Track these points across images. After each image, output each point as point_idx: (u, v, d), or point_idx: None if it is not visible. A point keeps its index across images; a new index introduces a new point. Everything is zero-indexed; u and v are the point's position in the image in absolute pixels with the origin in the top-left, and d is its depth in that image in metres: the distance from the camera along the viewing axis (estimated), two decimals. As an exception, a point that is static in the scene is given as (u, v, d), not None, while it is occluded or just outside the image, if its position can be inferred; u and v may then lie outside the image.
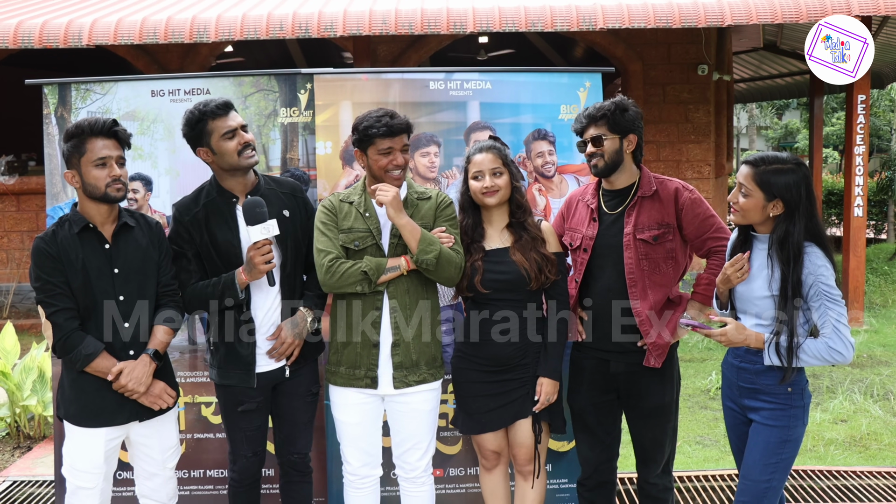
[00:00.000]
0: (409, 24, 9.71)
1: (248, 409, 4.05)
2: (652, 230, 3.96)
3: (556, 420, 4.12)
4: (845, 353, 3.43)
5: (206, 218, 3.99)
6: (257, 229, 3.81)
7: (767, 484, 3.60)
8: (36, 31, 9.67)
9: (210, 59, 12.99)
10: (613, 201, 4.08)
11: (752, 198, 3.55)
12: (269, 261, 3.82)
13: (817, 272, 3.46)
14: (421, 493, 4.15)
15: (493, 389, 4.06)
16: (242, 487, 4.17)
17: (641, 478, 4.23)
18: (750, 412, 3.68)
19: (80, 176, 3.65)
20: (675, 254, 4.00)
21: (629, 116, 3.98)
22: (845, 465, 6.03)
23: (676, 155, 12.75)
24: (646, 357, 3.98)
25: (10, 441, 6.79)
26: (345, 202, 4.04)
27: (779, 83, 20.23)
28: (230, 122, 3.90)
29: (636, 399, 4.08)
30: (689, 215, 3.97)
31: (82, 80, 4.85)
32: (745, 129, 40.52)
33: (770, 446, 3.58)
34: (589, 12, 9.75)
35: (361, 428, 4.06)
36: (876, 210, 17.48)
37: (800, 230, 3.49)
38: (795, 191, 3.49)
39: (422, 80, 4.93)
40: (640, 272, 3.97)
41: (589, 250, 4.07)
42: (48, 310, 3.65)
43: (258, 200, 3.85)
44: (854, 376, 8.27)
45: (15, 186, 12.14)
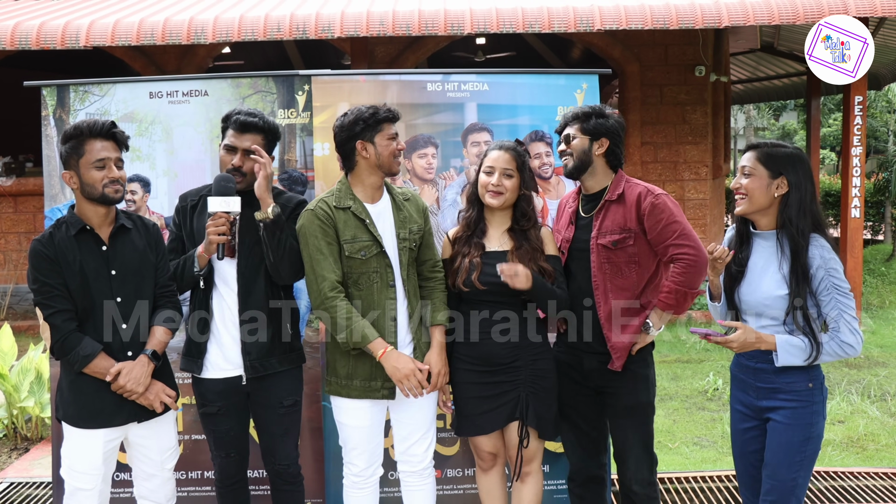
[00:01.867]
0: (407, 25, 9.72)
1: (207, 411, 4.07)
2: (613, 235, 3.97)
3: (546, 426, 4.08)
4: (857, 346, 3.47)
5: (194, 206, 4.09)
6: (217, 201, 3.81)
7: (794, 482, 3.60)
8: (33, 32, 9.67)
9: (208, 61, 12.99)
10: (589, 205, 4.13)
11: (756, 176, 3.56)
12: (222, 234, 3.81)
13: (828, 265, 3.47)
14: (425, 486, 4.17)
15: (486, 391, 4.05)
16: (224, 487, 4.18)
17: (624, 482, 4.21)
18: (768, 412, 3.65)
19: (78, 177, 3.65)
20: (638, 258, 3.99)
21: (605, 123, 4.01)
22: (843, 465, 6.04)
23: (674, 156, 12.75)
24: (610, 360, 4.02)
25: (8, 443, 6.79)
26: (339, 209, 3.92)
27: (776, 84, 20.24)
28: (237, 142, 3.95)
29: (610, 397, 4.10)
30: (650, 220, 3.95)
31: (81, 81, 4.86)
32: (743, 130, 40.49)
33: (794, 445, 3.57)
34: (586, 13, 9.76)
35: (369, 431, 4.04)
36: (873, 211, 17.48)
37: (804, 210, 3.52)
38: (800, 167, 3.55)
39: (419, 81, 4.93)
40: (603, 276, 4.00)
41: (566, 252, 4.13)
42: (46, 311, 3.65)
43: (228, 176, 3.89)
44: (851, 377, 8.28)
45: (12, 188, 12.13)
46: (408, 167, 4.84)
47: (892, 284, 13.25)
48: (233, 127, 3.96)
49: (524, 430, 4.05)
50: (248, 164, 3.94)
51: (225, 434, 4.08)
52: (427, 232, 4.13)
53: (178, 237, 4.11)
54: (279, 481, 4.18)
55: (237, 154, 3.94)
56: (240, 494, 4.23)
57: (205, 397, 4.06)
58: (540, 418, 4.05)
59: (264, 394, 4.06)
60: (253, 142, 3.94)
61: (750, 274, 3.66)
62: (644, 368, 4.09)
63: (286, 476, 4.16)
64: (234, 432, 4.09)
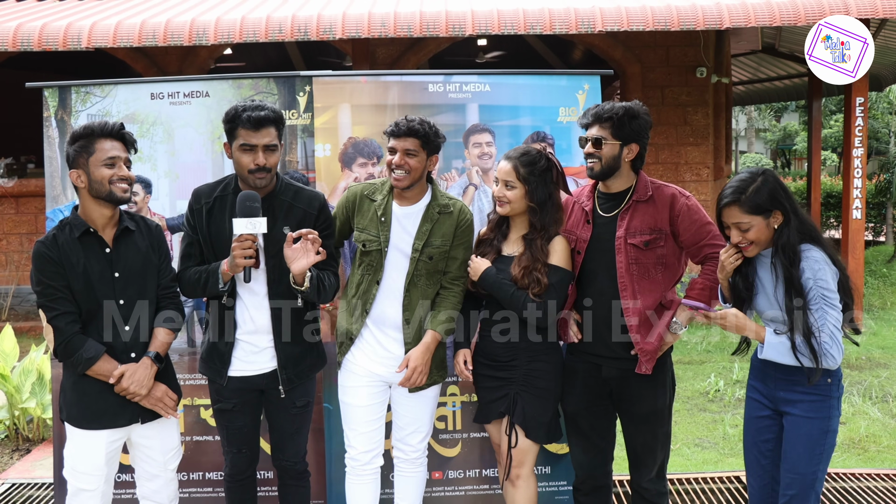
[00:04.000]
0: (408, 26, 9.72)
1: (222, 408, 4.08)
2: (644, 235, 3.95)
3: (534, 427, 4.08)
4: (838, 359, 3.49)
5: (211, 209, 3.98)
6: (242, 223, 3.73)
7: (814, 476, 3.64)
8: (35, 33, 9.67)
9: (209, 62, 12.98)
10: (608, 204, 4.07)
11: (755, 225, 3.56)
12: (249, 256, 3.74)
13: (816, 275, 3.49)
14: (417, 474, 4.32)
15: (489, 383, 4.15)
16: (234, 482, 4.20)
17: (634, 482, 4.23)
18: (785, 405, 3.68)
19: (86, 175, 3.65)
20: (666, 259, 3.99)
21: (636, 125, 3.93)
22: (844, 467, 6.03)
23: (675, 157, 12.75)
24: (637, 364, 3.98)
25: (9, 444, 6.79)
26: (367, 197, 4.11)
27: (777, 86, 20.25)
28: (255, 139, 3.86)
29: (628, 404, 4.09)
30: (685, 222, 3.95)
31: (82, 82, 4.86)
32: (744, 131, 40.58)
33: (813, 438, 3.61)
34: (587, 15, 9.76)
35: (369, 411, 4.16)
36: (874, 212, 17.47)
37: (793, 229, 3.54)
38: (781, 193, 3.56)
39: (421, 82, 4.94)
40: (630, 276, 3.96)
41: (583, 252, 4.06)
42: (49, 313, 3.66)
43: (254, 195, 3.80)
44: (853, 378, 8.27)
45: (14, 189, 12.14)
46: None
47: (894, 286, 13.24)
48: (245, 126, 3.81)
49: (511, 426, 4.07)
50: (271, 160, 3.87)
51: (239, 431, 4.10)
52: (455, 246, 4.12)
53: (195, 241, 4.01)
54: (286, 477, 4.23)
55: (257, 152, 3.83)
56: (248, 490, 4.24)
57: (220, 394, 4.07)
58: (528, 417, 4.06)
59: (278, 393, 4.08)
60: (270, 136, 3.85)
61: (759, 288, 3.71)
62: (663, 372, 4.08)
63: (293, 472, 4.21)
64: (247, 429, 4.12)
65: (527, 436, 4.09)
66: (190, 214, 4.02)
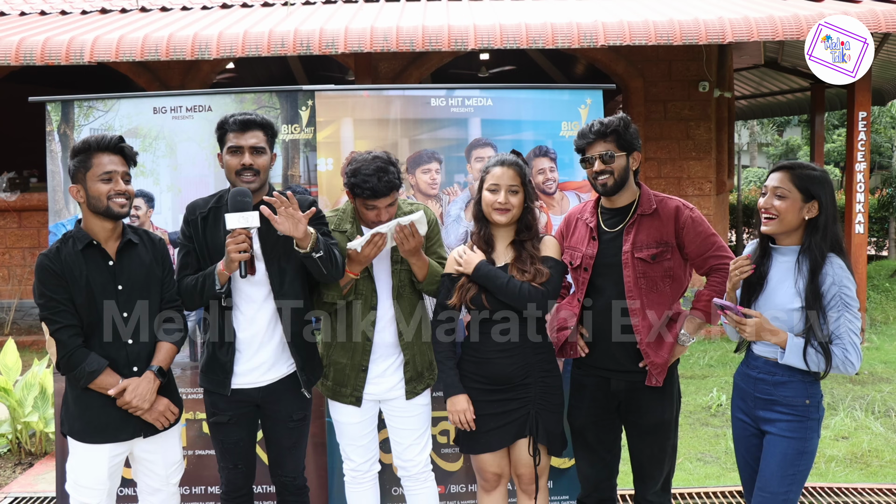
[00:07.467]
0: (411, 41, 9.74)
1: (218, 420, 4.06)
2: (650, 249, 3.95)
3: (555, 442, 4.07)
4: (857, 364, 3.49)
5: (206, 218, 3.99)
6: (235, 217, 3.72)
7: (785, 496, 3.62)
8: (38, 47, 9.70)
9: (211, 76, 13.01)
10: (613, 219, 4.07)
11: (790, 199, 3.57)
12: (244, 251, 3.72)
13: (841, 282, 3.49)
14: (424, 490, 4.27)
15: (494, 408, 4.03)
16: (230, 500, 4.17)
17: (639, 494, 4.21)
18: (764, 424, 3.68)
19: (84, 190, 3.66)
20: (673, 272, 3.99)
21: (633, 132, 3.97)
22: (847, 482, 6.02)
23: (677, 172, 12.77)
24: (647, 377, 3.98)
25: (12, 457, 6.79)
26: (336, 231, 4.08)
27: (780, 100, 20.26)
28: (242, 141, 3.88)
29: (636, 416, 4.07)
30: (690, 234, 3.96)
31: (85, 97, 4.87)
32: (746, 145, 40.54)
33: (787, 458, 3.59)
34: (590, 29, 9.78)
35: (360, 427, 4.19)
36: (877, 227, 17.48)
37: (827, 234, 3.55)
38: (829, 190, 3.57)
39: (423, 96, 4.95)
40: (639, 290, 3.96)
41: (590, 269, 4.04)
42: (52, 327, 3.65)
43: (244, 190, 3.79)
44: (855, 393, 8.26)
45: (17, 203, 12.16)
46: (412, 182, 4.85)
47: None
48: (232, 129, 3.89)
49: (534, 447, 4.03)
50: (258, 161, 3.89)
51: (234, 445, 4.07)
52: (430, 244, 4.18)
53: (191, 251, 4.01)
54: (285, 493, 4.21)
55: (244, 153, 3.87)
56: None
57: (216, 406, 4.05)
58: (550, 434, 4.05)
59: (275, 407, 4.07)
60: (256, 138, 3.90)
61: (767, 286, 3.68)
62: (671, 383, 4.08)
63: (292, 488, 4.20)
64: (242, 443, 4.09)
65: (549, 451, 4.09)
66: (185, 225, 4.04)
